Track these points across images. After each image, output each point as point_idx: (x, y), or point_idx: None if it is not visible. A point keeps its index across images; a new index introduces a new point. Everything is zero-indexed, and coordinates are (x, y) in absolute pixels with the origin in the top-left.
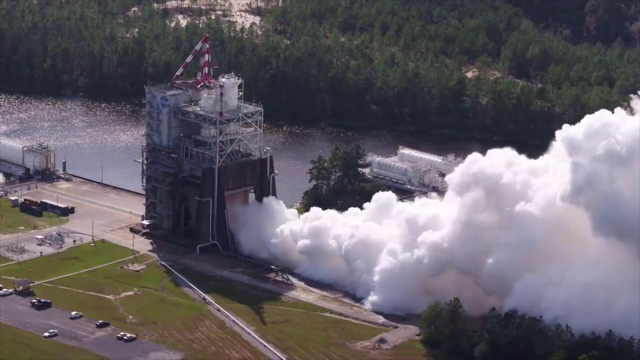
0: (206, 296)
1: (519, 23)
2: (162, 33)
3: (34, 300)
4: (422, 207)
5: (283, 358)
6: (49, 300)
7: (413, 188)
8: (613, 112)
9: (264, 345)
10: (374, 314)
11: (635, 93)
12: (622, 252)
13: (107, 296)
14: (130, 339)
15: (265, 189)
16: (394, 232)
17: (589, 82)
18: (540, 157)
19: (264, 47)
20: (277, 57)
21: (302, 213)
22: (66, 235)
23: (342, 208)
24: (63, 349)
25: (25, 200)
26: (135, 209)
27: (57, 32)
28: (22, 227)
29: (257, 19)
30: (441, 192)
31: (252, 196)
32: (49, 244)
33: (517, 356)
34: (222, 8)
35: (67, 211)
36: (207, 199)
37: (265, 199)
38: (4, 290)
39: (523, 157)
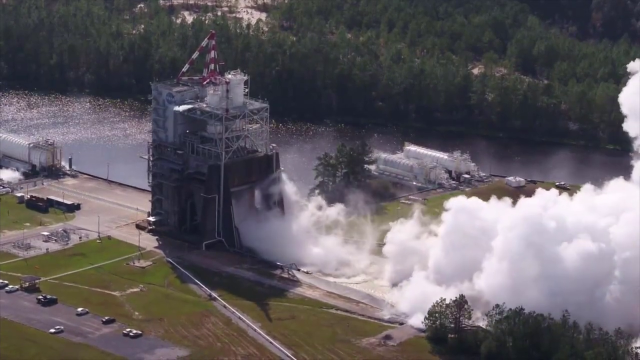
0: (212, 292)
1: (525, 19)
2: (168, 29)
3: (40, 297)
4: None
5: (289, 354)
6: (54, 297)
7: (419, 185)
8: None
9: (270, 342)
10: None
11: None
12: None
13: (113, 292)
14: (136, 336)
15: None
16: None
17: (595, 79)
18: None
19: (270, 44)
20: (283, 53)
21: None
22: (72, 232)
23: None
24: (69, 345)
25: (31, 196)
26: (141, 206)
27: (64, 28)
28: (28, 224)
29: (263, 16)
30: (447, 189)
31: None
32: (55, 240)
33: (523, 353)
34: (228, 4)
35: (73, 207)
36: (213, 196)
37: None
38: (10, 286)
39: None
